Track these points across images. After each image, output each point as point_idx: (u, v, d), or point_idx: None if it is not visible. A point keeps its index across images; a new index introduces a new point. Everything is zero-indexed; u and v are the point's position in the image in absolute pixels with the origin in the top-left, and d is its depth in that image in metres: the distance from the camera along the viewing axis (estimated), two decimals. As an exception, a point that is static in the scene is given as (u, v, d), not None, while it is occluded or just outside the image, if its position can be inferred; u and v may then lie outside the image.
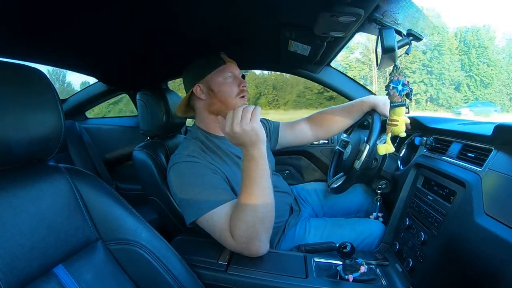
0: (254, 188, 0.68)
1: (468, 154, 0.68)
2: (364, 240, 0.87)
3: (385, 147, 0.81)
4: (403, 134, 0.78)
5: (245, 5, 0.73)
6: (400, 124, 0.77)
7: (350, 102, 1.11)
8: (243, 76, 0.94)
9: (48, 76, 0.50)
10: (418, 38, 0.72)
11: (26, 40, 0.88)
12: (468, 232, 0.54)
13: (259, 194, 0.68)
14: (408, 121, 0.80)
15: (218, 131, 0.91)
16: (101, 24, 0.81)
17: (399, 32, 0.71)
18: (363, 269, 0.67)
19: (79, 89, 1.85)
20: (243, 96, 0.89)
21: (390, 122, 0.79)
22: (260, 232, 0.68)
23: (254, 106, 0.68)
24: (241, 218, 0.68)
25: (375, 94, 1.26)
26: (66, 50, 1.03)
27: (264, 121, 1.13)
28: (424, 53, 20.26)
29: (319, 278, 0.67)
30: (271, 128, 1.12)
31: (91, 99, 1.75)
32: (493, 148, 0.61)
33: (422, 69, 20.40)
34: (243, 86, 0.88)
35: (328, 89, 1.41)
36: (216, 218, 0.71)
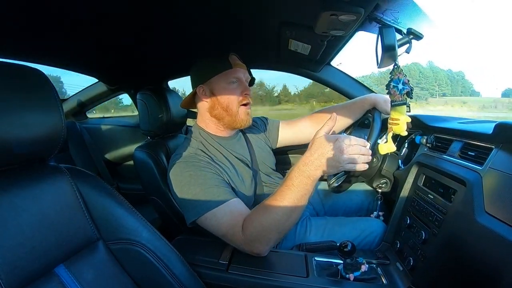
0: (288, 199, 0.66)
1: (469, 152, 0.68)
2: (365, 238, 0.87)
3: (387, 147, 0.81)
4: (404, 133, 0.78)
5: (245, 4, 0.73)
6: (401, 123, 0.77)
7: (351, 100, 1.10)
8: (252, 81, 0.92)
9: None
10: (418, 37, 0.72)
11: (26, 40, 0.88)
12: (469, 230, 0.54)
13: (290, 206, 0.66)
14: (409, 120, 0.79)
15: (219, 132, 0.90)
16: (101, 23, 0.81)
17: (399, 31, 0.71)
18: (364, 268, 0.67)
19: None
20: (246, 104, 0.87)
21: (391, 121, 0.78)
22: (272, 239, 0.69)
23: (370, 159, 0.67)
24: (259, 219, 0.67)
25: (376, 93, 1.25)
26: (66, 50, 1.03)
27: (263, 120, 1.12)
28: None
29: (320, 277, 0.67)
30: (271, 127, 1.11)
31: (92, 99, 1.75)
32: (494, 147, 0.61)
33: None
34: (245, 94, 0.86)
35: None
36: (220, 216, 0.70)
